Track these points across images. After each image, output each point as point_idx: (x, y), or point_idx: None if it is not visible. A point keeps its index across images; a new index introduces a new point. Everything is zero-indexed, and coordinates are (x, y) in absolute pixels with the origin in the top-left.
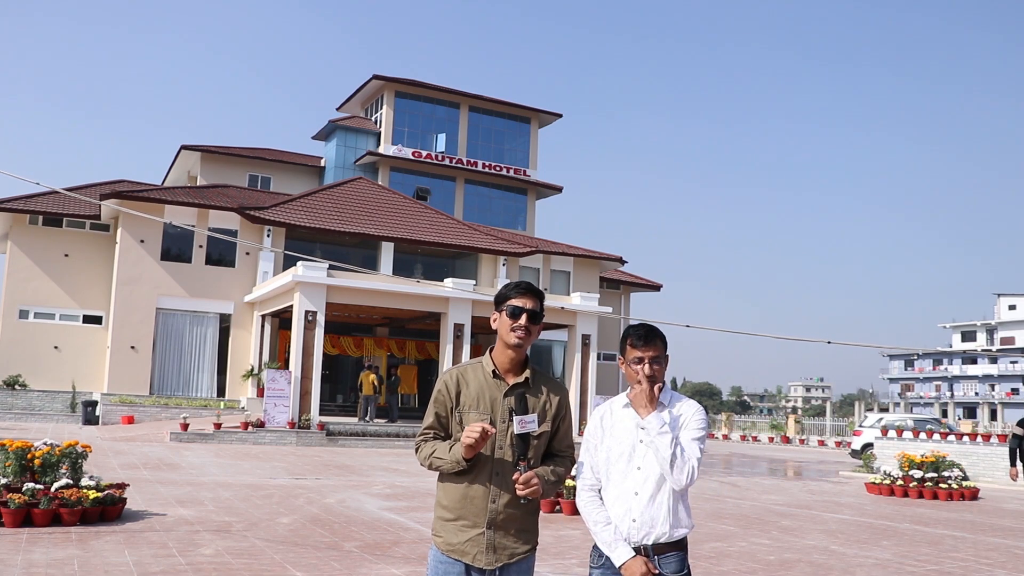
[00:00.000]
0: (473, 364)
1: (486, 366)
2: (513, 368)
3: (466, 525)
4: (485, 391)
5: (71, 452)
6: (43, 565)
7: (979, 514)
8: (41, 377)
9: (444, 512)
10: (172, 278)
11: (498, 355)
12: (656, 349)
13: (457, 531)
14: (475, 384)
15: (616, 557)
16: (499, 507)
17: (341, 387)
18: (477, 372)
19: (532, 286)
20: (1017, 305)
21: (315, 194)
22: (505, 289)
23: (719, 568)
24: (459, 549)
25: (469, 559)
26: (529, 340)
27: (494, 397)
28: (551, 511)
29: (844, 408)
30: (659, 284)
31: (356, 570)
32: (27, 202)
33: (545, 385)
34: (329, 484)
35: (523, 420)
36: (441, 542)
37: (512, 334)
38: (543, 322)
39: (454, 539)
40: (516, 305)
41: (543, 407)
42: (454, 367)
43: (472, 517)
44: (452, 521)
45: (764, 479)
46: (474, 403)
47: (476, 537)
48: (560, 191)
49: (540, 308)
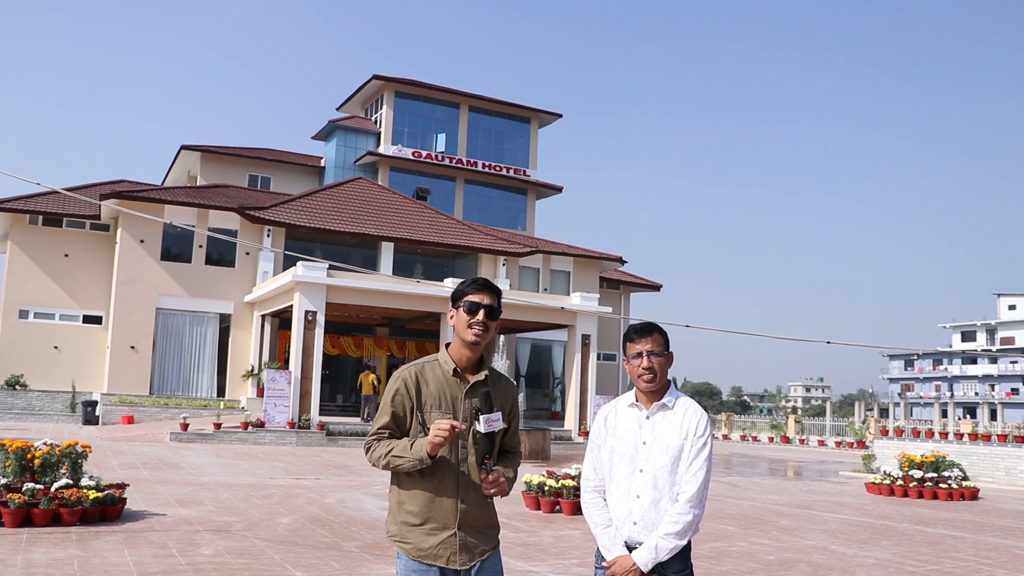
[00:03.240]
0: (430, 362)
1: (445, 364)
2: (470, 366)
3: (435, 528)
4: (445, 389)
5: (71, 452)
6: (43, 565)
7: (979, 514)
8: (41, 377)
9: (408, 516)
10: (172, 278)
11: (456, 352)
12: (654, 342)
13: (426, 535)
14: (435, 382)
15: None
16: (468, 507)
17: (341, 387)
18: (436, 370)
19: (489, 282)
20: (1017, 305)
21: (315, 194)
22: (462, 286)
23: (719, 568)
24: (432, 553)
25: (443, 562)
26: (486, 337)
27: (455, 395)
28: (551, 511)
29: (844, 408)
30: (659, 284)
31: (356, 570)
32: (27, 202)
33: (499, 382)
34: (329, 484)
35: (490, 419)
36: (410, 548)
37: (469, 331)
38: (544, 322)
39: (424, 544)
40: (473, 301)
41: (499, 405)
42: (410, 365)
43: (441, 519)
44: (419, 526)
45: (764, 479)
46: (435, 402)
47: (448, 539)
48: (560, 191)
49: (497, 304)
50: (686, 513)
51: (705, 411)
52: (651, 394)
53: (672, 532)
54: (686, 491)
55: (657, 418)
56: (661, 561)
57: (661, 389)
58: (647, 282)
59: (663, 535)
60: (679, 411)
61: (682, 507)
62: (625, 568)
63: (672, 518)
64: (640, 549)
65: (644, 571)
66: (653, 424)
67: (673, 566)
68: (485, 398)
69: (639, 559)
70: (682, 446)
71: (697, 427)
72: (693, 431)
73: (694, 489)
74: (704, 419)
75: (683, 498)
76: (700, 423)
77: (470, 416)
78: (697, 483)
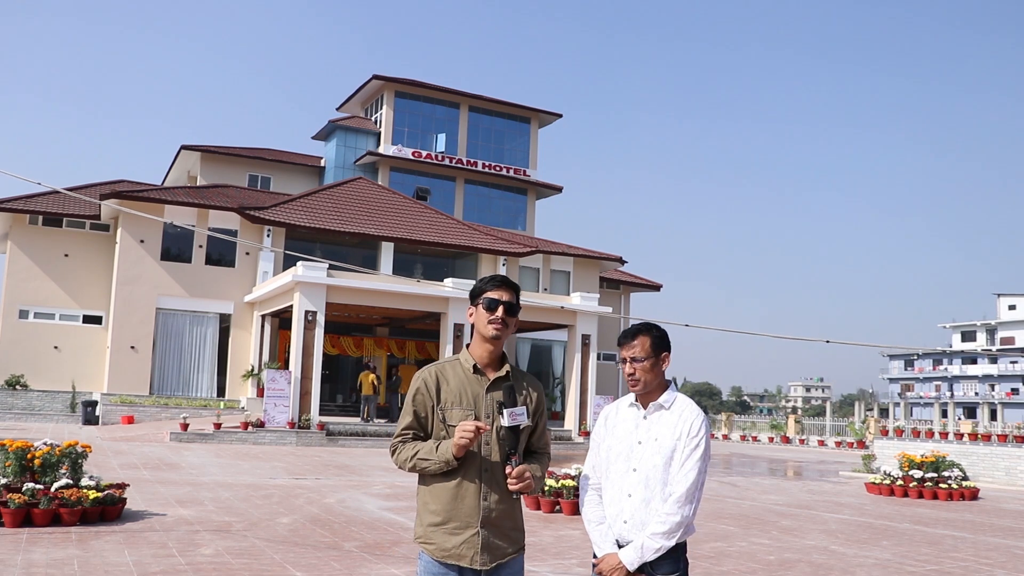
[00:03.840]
0: (450, 361)
1: (464, 362)
2: (492, 363)
3: (458, 527)
4: (466, 387)
5: (71, 452)
6: (43, 565)
7: (979, 514)
8: (41, 377)
9: (431, 516)
10: (172, 278)
11: (476, 350)
12: (639, 348)
13: (449, 535)
14: (455, 380)
15: (600, 553)
16: (491, 504)
17: (341, 387)
18: (456, 368)
19: (507, 279)
20: (1017, 305)
21: (315, 194)
22: (480, 283)
23: (719, 568)
24: (454, 553)
25: (466, 562)
26: (506, 333)
27: (476, 393)
28: (551, 511)
29: (844, 408)
30: (659, 284)
31: (356, 570)
32: (27, 202)
33: (524, 380)
34: (329, 484)
35: (513, 412)
36: (433, 548)
37: (490, 327)
38: (544, 321)
39: (447, 544)
40: (492, 297)
41: (524, 402)
42: (431, 365)
43: (464, 518)
44: (441, 525)
45: (764, 479)
46: (456, 399)
47: (471, 538)
48: (560, 191)
49: (516, 300)
50: (674, 513)
51: (704, 412)
52: (648, 394)
53: (659, 532)
54: (676, 491)
55: (654, 418)
56: (648, 561)
57: (658, 389)
58: (647, 282)
59: (649, 535)
60: (675, 412)
61: (670, 507)
62: (611, 566)
63: (660, 518)
64: (627, 548)
65: (630, 570)
66: (649, 424)
67: (663, 567)
68: (508, 392)
69: (625, 558)
70: (675, 447)
71: (691, 428)
72: (687, 432)
73: (683, 489)
74: (699, 420)
75: (672, 498)
76: (695, 424)
77: (493, 411)
78: (687, 484)
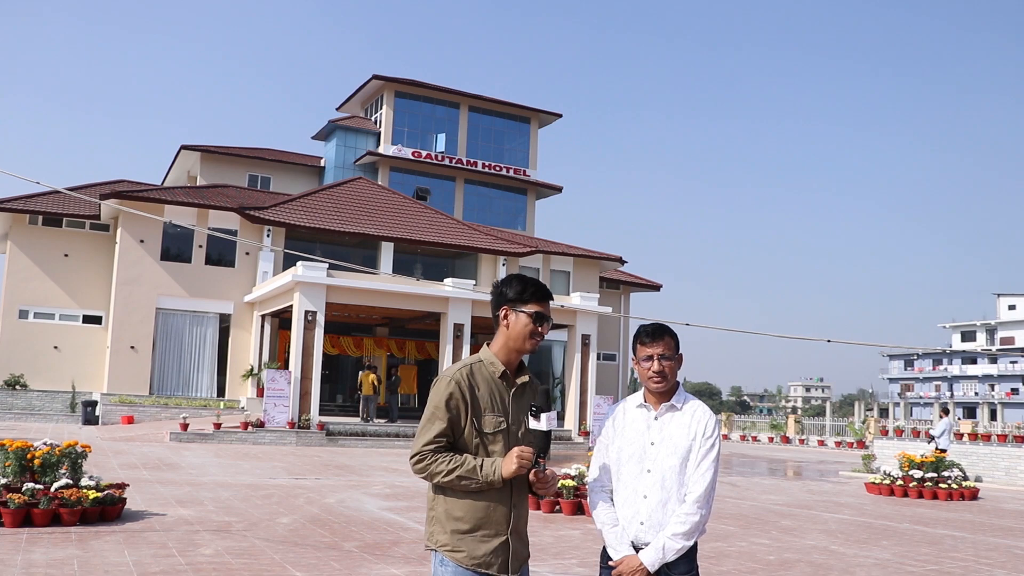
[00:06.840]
0: (475, 363)
1: (491, 366)
2: (514, 368)
3: (488, 535)
4: (495, 392)
5: (71, 452)
6: (43, 565)
7: (979, 514)
8: (41, 377)
9: (458, 524)
10: (172, 278)
11: (504, 355)
12: (665, 346)
13: (479, 543)
14: (485, 385)
15: (616, 556)
16: (519, 511)
17: (341, 387)
18: (483, 372)
19: (548, 290)
20: (1017, 305)
21: (315, 194)
22: (523, 291)
23: (719, 568)
24: (485, 561)
25: (495, 569)
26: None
27: (503, 397)
28: (551, 511)
29: (844, 408)
30: (659, 284)
31: (356, 570)
32: (27, 202)
33: (536, 385)
34: (329, 484)
35: (550, 416)
36: (463, 557)
37: (531, 340)
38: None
39: (478, 551)
40: (542, 313)
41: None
42: (458, 368)
43: (495, 526)
44: (471, 532)
45: (764, 479)
46: (488, 404)
47: (500, 546)
48: (560, 191)
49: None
50: (693, 513)
51: (714, 413)
52: (660, 395)
53: (679, 532)
54: (694, 491)
55: (665, 419)
56: (668, 561)
57: (670, 390)
58: (647, 282)
59: (670, 535)
60: (688, 412)
61: (689, 507)
62: (632, 568)
63: (679, 518)
64: (647, 549)
65: (651, 571)
66: (661, 425)
67: (679, 567)
68: (544, 395)
69: (646, 559)
70: (690, 447)
71: (705, 428)
72: (701, 432)
73: (701, 489)
74: (712, 421)
75: (691, 499)
76: (708, 424)
77: (526, 415)
78: (705, 484)
